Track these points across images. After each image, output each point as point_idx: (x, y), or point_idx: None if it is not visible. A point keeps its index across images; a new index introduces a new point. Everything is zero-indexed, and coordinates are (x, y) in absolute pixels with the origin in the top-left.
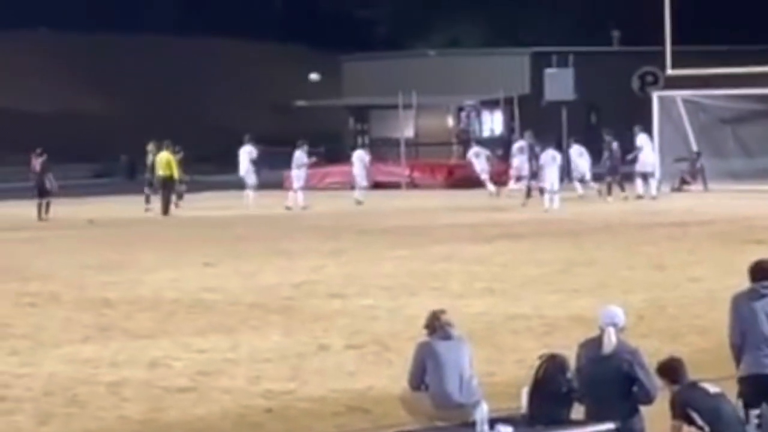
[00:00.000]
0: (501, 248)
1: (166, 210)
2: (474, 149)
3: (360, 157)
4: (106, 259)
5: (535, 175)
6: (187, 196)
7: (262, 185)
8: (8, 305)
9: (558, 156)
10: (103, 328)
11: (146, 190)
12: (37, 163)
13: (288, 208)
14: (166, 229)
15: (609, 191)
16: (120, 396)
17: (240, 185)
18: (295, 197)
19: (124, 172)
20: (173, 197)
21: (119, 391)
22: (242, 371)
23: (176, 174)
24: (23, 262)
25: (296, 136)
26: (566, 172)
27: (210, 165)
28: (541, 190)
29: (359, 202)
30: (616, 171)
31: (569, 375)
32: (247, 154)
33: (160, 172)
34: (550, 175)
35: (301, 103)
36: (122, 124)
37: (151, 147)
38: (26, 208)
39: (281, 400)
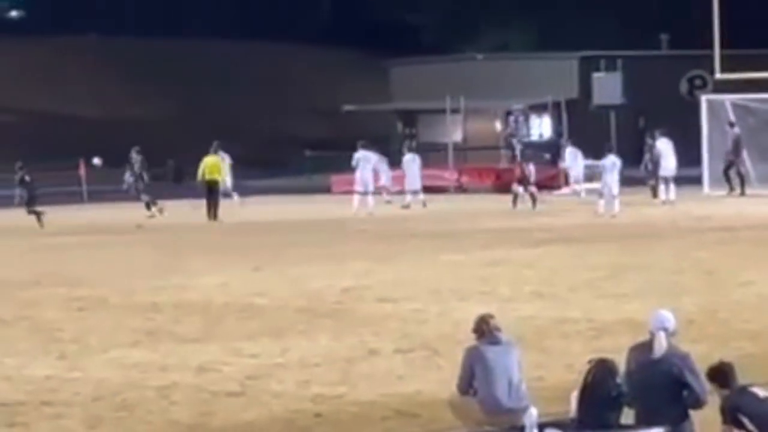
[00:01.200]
0: (550, 252)
1: (215, 215)
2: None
3: (410, 161)
4: (154, 263)
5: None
6: (231, 201)
7: (306, 189)
8: (57, 310)
9: (618, 162)
10: (151, 333)
11: (144, 197)
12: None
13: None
14: (214, 233)
15: (654, 194)
16: (169, 400)
17: (289, 190)
18: (365, 200)
19: (171, 177)
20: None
21: (168, 395)
22: (291, 375)
23: (222, 178)
24: (72, 267)
25: (344, 141)
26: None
27: (258, 169)
28: (600, 194)
29: (407, 206)
30: (657, 174)
31: (619, 379)
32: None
33: (207, 176)
34: (610, 180)
35: (349, 107)
36: (169, 129)
37: (134, 154)
38: (74, 213)
39: (330, 405)
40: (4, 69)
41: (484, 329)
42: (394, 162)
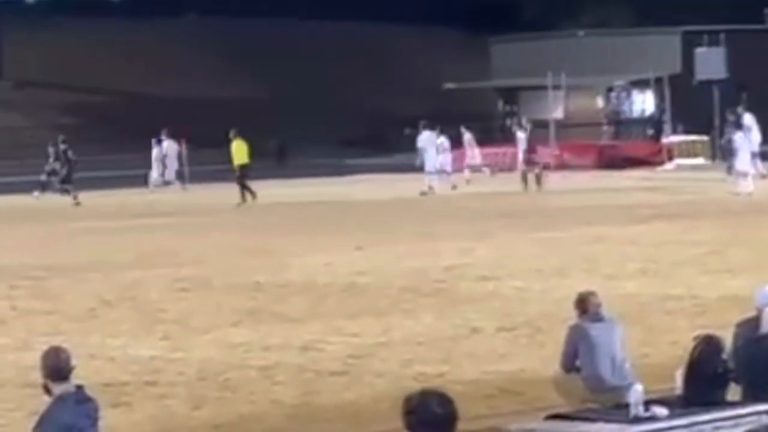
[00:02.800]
0: (654, 229)
1: (244, 197)
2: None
3: (523, 139)
4: (255, 243)
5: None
6: (333, 180)
7: (406, 168)
8: (161, 290)
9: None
10: (254, 312)
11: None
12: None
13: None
14: (313, 212)
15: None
16: (272, 380)
17: (391, 168)
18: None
19: (274, 156)
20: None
21: (271, 375)
22: (394, 354)
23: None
24: (175, 248)
25: (446, 119)
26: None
27: (359, 148)
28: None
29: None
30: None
31: (725, 356)
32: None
33: (237, 160)
34: (744, 157)
35: (450, 85)
36: (271, 109)
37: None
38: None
39: (434, 383)
40: (106, 52)
41: (587, 307)
42: (495, 139)
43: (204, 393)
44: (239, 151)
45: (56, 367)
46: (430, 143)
